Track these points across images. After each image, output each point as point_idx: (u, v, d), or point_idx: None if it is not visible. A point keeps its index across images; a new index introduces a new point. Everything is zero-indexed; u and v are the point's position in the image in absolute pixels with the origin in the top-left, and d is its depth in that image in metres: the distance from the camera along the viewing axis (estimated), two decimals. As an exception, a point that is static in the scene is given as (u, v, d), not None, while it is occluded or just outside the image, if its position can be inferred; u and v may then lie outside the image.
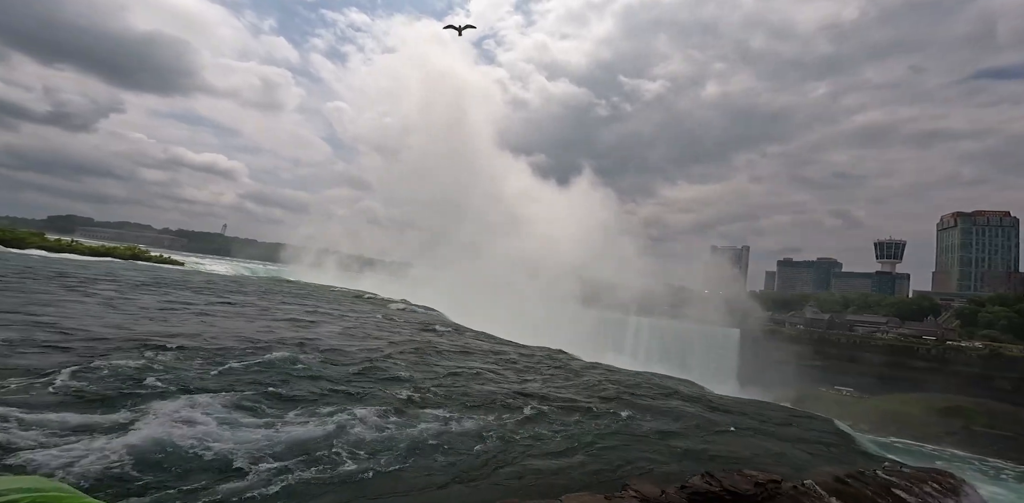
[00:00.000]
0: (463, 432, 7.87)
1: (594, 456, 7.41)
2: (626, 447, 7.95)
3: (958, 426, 52.86)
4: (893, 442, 51.05)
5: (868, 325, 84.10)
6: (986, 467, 45.31)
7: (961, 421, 53.36)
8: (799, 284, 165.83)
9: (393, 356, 13.25)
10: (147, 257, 45.92)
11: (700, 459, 7.51)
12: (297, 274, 67.83)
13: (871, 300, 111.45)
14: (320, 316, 20.97)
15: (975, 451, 48.74)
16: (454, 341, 18.31)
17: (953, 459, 46.56)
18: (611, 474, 6.57)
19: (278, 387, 8.96)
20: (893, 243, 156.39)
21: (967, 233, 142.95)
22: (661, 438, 8.73)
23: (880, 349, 68.30)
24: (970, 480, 36.46)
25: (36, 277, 23.03)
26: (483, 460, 6.81)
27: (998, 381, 57.21)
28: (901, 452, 47.37)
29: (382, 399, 9.11)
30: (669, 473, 6.58)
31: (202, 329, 13.96)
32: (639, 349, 72.14)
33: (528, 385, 11.87)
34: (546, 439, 8.02)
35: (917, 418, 54.91)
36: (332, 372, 10.73)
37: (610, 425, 9.19)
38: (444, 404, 9.26)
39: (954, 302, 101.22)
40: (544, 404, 10.12)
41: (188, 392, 8.01)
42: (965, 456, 47.89)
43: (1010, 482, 41.54)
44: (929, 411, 55.65)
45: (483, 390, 10.69)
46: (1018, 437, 49.42)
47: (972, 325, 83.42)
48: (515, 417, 9.07)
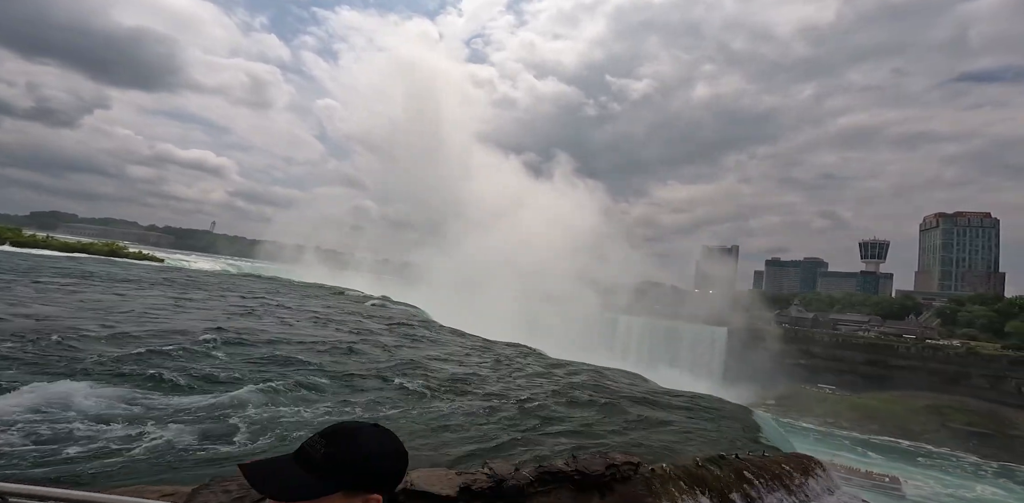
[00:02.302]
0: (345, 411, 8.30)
1: (478, 437, 7.56)
2: (522, 431, 8.07)
3: (937, 423, 53.85)
4: (871, 439, 51.92)
5: (851, 324, 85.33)
6: (965, 464, 46.17)
7: (939, 418, 54.37)
8: (786, 283, 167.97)
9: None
10: (125, 253, 44.89)
11: (588, 443, 7.64)
12: (284, 272, 66.92)
13: (855, 299, 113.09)
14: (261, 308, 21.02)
15: (953, 448, 49.68)
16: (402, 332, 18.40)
17: (931, 455, 47.43)
18: (488, 454, 6.61)
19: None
20: (877, 243, 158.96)
21: (949, 234, 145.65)
22: (562, 424, 8.93)
23: (862, 347, 69.31)
24: (953, 477, 36.82)
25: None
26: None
27: (975, 379, 58.35)
28: (880, 449, 48.21)
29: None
30: (546, 456, 6.65)
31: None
32: (629, 348, 72.43)
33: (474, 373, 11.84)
34: (441, 420, 8.19)
35: (897, 415, 55.83)
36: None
37: (526, 411, 9.41)
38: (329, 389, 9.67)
39: (935, 301, 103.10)
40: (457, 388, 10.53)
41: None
42: (943, 453, 48.77)
43: (988, 477, 42.40)
44: (909, 409, 56.62)
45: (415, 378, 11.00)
46: (995, 434, 50.46)
47: (952, 324, 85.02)
48: (414, 397, 9.57)
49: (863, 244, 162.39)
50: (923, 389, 59.86)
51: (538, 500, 5.06)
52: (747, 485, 6.56)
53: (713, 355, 71.73)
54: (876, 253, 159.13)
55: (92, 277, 27.01)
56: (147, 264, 42.20)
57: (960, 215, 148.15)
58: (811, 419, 57.63)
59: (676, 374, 64.80)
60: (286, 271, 69.41)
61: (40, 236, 47.07)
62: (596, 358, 39.54)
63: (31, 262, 32.55)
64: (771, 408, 61.89)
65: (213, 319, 15.47)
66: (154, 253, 59.58)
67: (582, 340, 64.87)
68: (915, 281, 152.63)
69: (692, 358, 71.65)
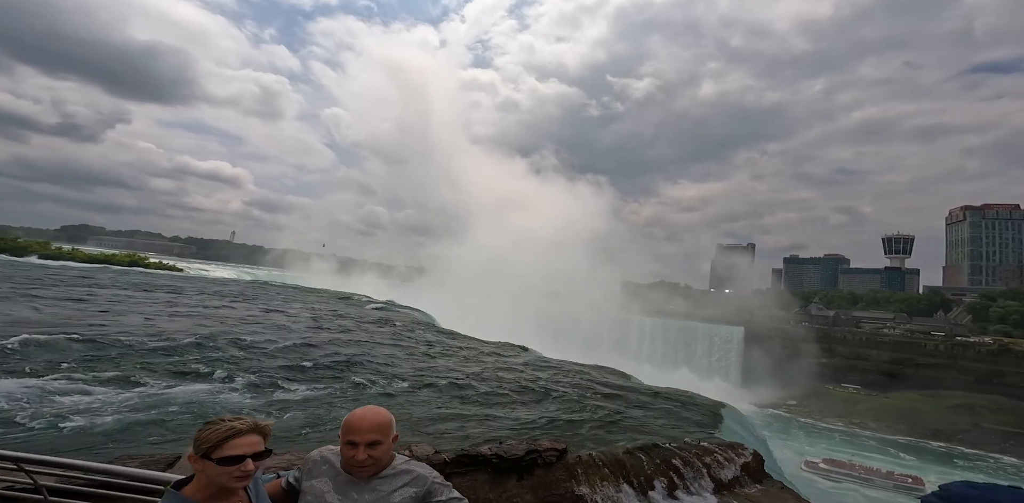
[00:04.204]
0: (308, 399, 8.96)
1: (421, 424, 7.76)
2: (470, 422, 8.27)
3: (969, 423, 51.57)
4: (899, 439, 49.99)
5: (875, 321, 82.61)
6: (1005, 465, 44.00)
7: (972, 418, 52.07)
8: (806, 281, 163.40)
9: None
10: (145, 263, 46.45)
11: (534, 432, 7.86)
12: (297, 279, 68.23)
13: (880, 296, 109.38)
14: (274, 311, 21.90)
15: (988, 449, 47.40)
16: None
17: (967, 457, 45.39)
18: (433, 442, 6.66)
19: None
20: (901, 238, 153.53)
21: (976, 227, 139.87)
22: (518, 412, 9.12)
23: (887, 345, 66.96)
24: (999, 481, 36.22)
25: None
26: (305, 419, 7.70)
27: (1009, 377, 55.74)
28: (913, 450, 46.29)
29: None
30: (478, 443, 6.77)
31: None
32: (643, 349, 71.36)
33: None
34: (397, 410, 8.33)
35: (926, 416, 53.67)
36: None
37: (481, 403, 9.62)
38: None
39: (966, 297, 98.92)
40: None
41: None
42: (976, 454, 46.64)
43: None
44: (938, 408, 54.39)
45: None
46: (1032, 434, 48.04)
47: (984, 320, 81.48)
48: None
49: (886, 239, 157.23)
50: (953, 388, 57.48)
51: (454, 481, 5.12)
52: (672, 472, 6.88)
53: (730, 355, 70.22)
54: (901, 248, 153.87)
55: (158, 289, 28.53)
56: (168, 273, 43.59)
57: (988, 207, 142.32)
58: (834, 419, 55.84)
59: (691, 375, 63.65)
60: (298, 278, 70.75)
61: (66, 248, 49.04)
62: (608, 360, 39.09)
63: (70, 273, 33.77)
64: (792, 408, 60.23)
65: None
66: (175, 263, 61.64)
67: (594, 341, 64.26)
68: (943, 276, 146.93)
69: (708, 358, 70.28)
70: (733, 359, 69.75)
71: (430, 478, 1.88)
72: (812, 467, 34.63)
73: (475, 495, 5.40)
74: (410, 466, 1.91)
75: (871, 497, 30.70)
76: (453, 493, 1.88)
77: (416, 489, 1.83)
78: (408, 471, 1.88)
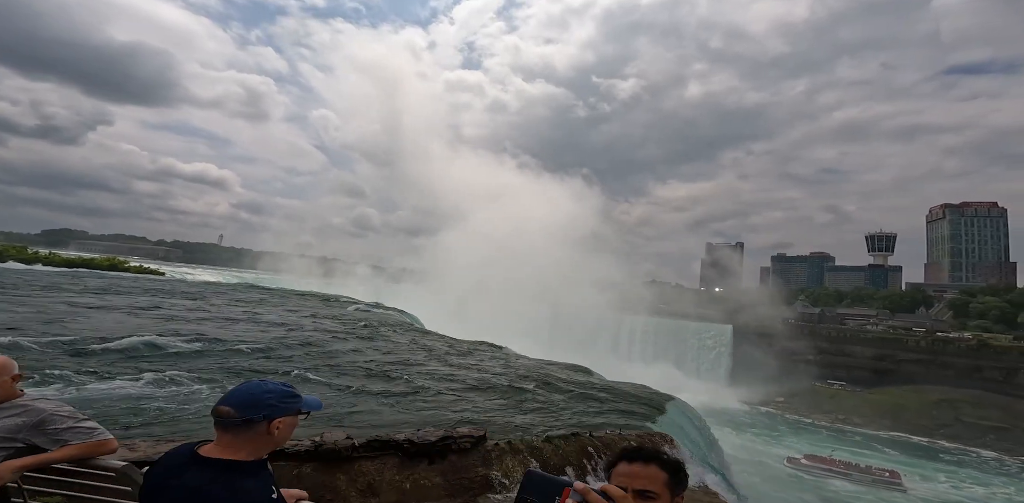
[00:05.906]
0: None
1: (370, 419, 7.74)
2: (409, 412, 8.37)
3: (951, 418, 52.57)
4: (882, 435, 50.80)
5: (858, 318, 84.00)
6: (982, 459, 44.89)
7: (953, 413, 53.09)
8: (793, 279, 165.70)
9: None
10: (125, 267, 45.46)
11: (464, 423, 7.88)
12: (283, 282, 67.32)
13: (864, 293, 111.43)
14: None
15: (969, 443, 48.34)
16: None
17: (946, 452, 46.23)
18: (351, 430, 6.61)
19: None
20: (884, 236, 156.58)
21: (956, 224, 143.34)
22: (462, 405, 9.19)
23: (870, 342, 68.09)
24: (972, 472, 36.52)
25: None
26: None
27: (988, 372, 56.98)
28: (898, 446, 47.04)
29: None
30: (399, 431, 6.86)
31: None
32: (633, 348, 71.62)
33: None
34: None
35: (909, 411, 54.63)
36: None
37: (425, 398, 9.63)
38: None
39: (947, 293, 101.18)
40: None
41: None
42: (959, 448, 47.54)
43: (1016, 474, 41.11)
44: (921, 404, 55.39)
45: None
46: (1011, 428, 49.05)
47: (964, 316, 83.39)
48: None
49: (869, 237, 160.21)
50: (935, 383, 58.58)
51: (363, 464, 5.60)
52: (586, 459, 7.25)
53: (720, 354, 70.82)
54: (883, 246, 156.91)
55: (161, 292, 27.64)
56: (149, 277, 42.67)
57: (966, 205, 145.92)
58: (820, 416, 56.59)
59: (681, 374, 64.08)
60: (284, 281, 69.82)
61: (43, 252, 47.83)
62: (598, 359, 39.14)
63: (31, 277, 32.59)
64: (780, 405, 60.93)
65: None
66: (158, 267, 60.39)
67: (585, 341, 64.34)
68: (925, 273, 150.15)
69: (697, 357, 70.79)
70: (723, 357, 70.37)
71: (48, 411, 1.86)
72: (794, 463, 35.24)
73: (380, 477, 5.59)
74: (35, 404, 1.89)
75: (850, 491, 31.52)
76: (83, 424, 1.86)
77: (25, 419, 1.83)
78: (25, 405, 1.87)
